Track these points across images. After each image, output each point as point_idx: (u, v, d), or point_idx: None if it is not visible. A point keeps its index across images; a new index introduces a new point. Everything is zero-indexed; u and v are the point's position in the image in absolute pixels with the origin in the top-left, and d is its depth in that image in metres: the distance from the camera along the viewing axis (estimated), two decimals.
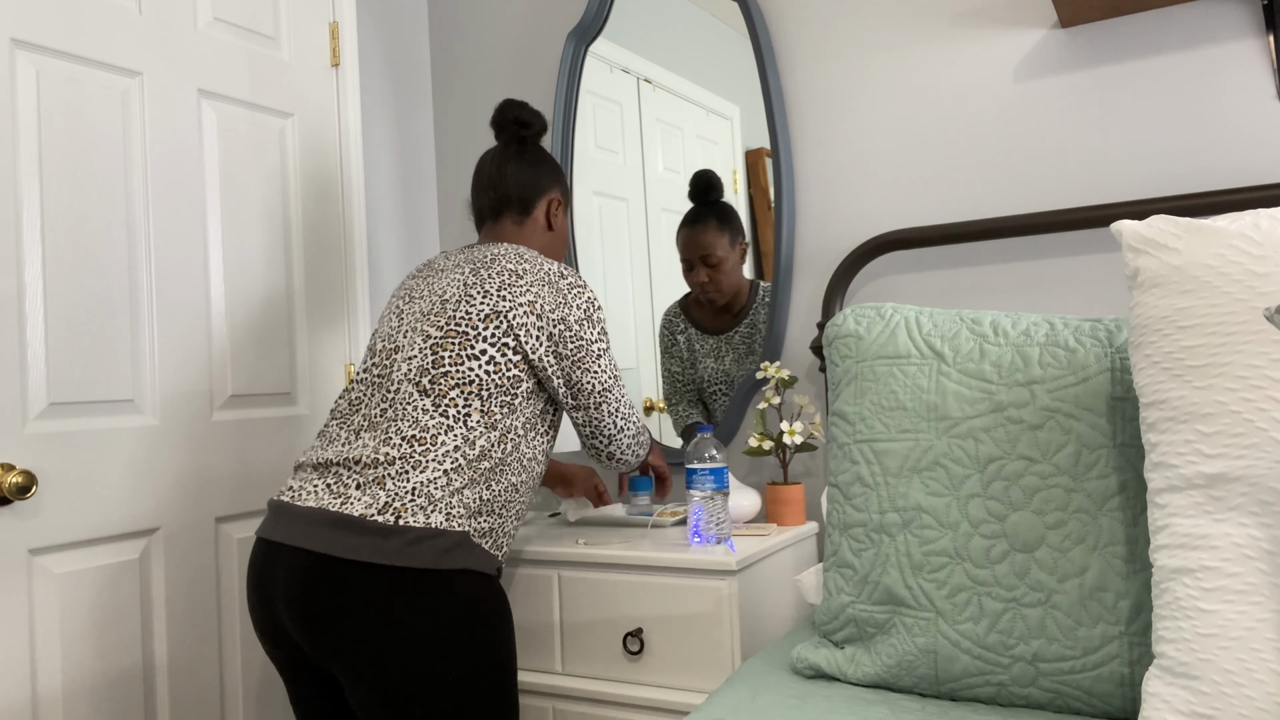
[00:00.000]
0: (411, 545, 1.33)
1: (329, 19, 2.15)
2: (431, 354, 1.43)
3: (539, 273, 1.49)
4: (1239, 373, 0.96)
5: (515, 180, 1.65)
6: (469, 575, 1.37)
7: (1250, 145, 1.64)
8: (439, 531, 1.35)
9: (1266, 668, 0.89)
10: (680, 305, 2.14)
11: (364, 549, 1.32)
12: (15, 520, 1.52)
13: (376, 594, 1.31)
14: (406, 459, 1.38)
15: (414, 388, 1.42)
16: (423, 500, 1.36)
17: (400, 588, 1.31)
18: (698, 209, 2.11)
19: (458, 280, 1.49)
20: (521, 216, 1.65)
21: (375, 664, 1.30)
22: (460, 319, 1.44)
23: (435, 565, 1.34)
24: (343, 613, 1.31)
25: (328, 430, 1.49)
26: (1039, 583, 1.14)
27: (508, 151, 1.67)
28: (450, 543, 1.36)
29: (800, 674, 1.29)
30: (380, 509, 1.34)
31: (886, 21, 1.93)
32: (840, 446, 1.33)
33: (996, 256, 1.83)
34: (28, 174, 1.57)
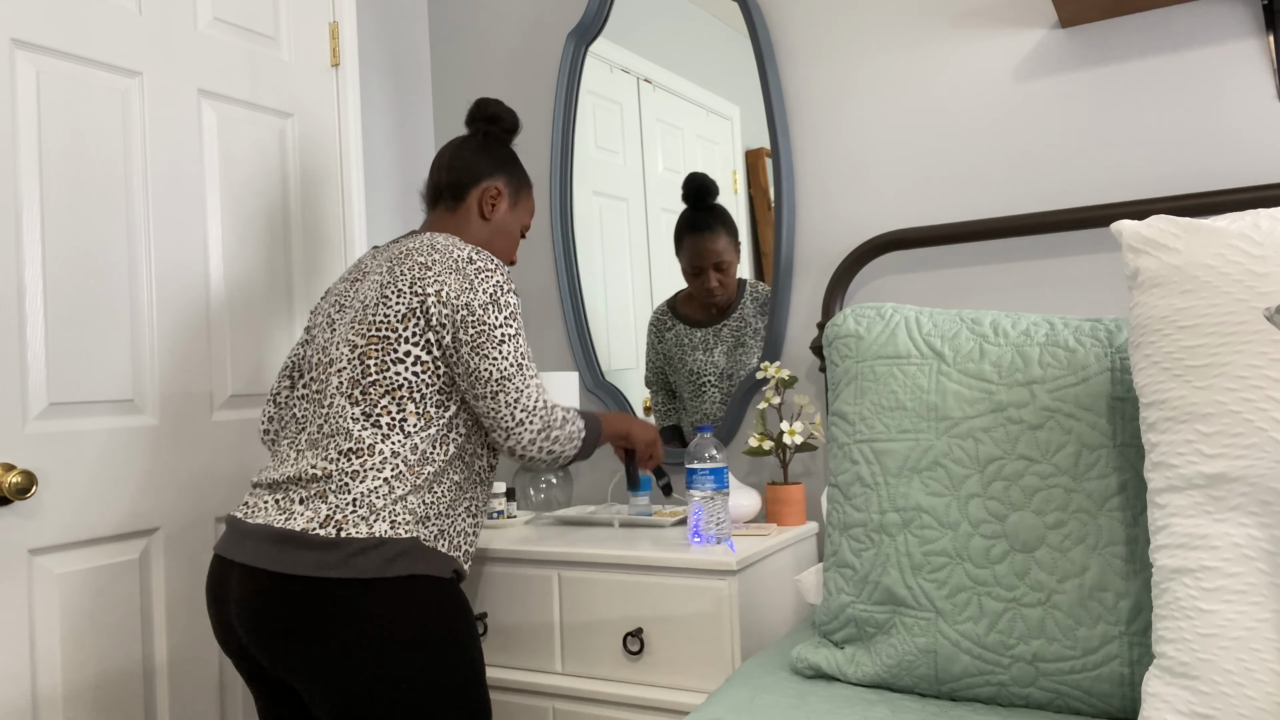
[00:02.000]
0: (354, 556, 1.32)
1: (329, 19, 2.15)
2: (359, 363, 1.41)
3: (448, 260, 1.43)
4: (1239, 373, 0.96)
5: (454, 167, 1.62)
6: (419, 581, 1.34)
7: (1250, 145, 1.64)
8: (382, 540, 1.33)
9: (1266, 668, 0.89)
10: (669, 304, 2.14)
11: (306, 563, 1.31)
12: (15, 520, 1.52)
13: (324, 608, 1.29)
14: (345, 472, 1.36)
15: (346, 400, 1.40)
16: (364, 510, 1.35)
17: (346, 600, 1.30)
18: (698, 214, 2.11)
19: (376, 282, 1.46)
20: (454, 203, 1.61)
21: (331, 678, 1.29)
22: (380, 323, 1.41)
23: (381, 574, 1.32)
24: (293, 628, 1.30)
25: (278, 450, 1.49)
26: (1039, 583, 1.14)
27: (463, 142, 1.65)
28: (396, 550, 1.33)
29: (800, 674, 1.29)
30: (321, 522, 1.33)
31: (886, 21, 1.93)
32: (840, 446, 1.33)
33: (996, 256, 1.83)
34: (28, 174, 1.57)
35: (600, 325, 2.24)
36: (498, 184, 1.62)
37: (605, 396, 2.21)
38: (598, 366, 2.23)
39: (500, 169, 1.64)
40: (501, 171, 1.64)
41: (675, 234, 2.12)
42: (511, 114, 1.68)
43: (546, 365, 2.32)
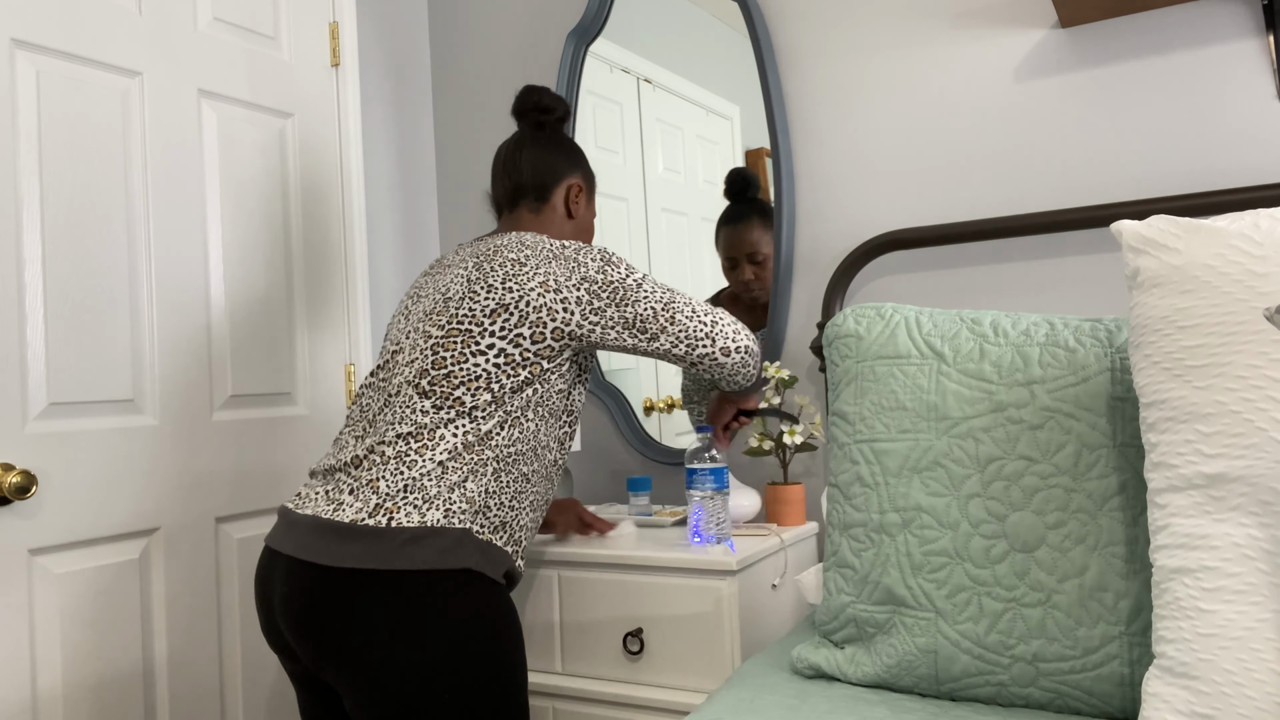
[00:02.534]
0: (406, 546, 1.26)
1: (329, 19, 2.15)
2: (432, 354, 1.37)
3: (543, 253, 1.42)
4: (1239, 373, 0.96)
5: (530, 166, 1.58)
6: (471, 576, 1.29)
7: (1250, 145, 1.64)
8: (436, 529, 1.28)
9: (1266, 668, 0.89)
10: (713, 302, 2.13)
11: (354, 555, 1.26)
12: (15, 520, 1.52)
13: (371, 601, 1.24)
14: (401, 457, 1.32)
15: (413, 389, 1.36)
16: (416, 497, 1.30)
17: (396, 592, 1.25)
18: (738, 206, 2.10)
19: (461, 276, 1.43)
20: (538, 204, 1.58)
21: (371, 675, 1.25)
22: (464, 316, 1.38)
23: (434, 565, 1.26)
24: (335, 622, 1.25)
25: (340, 437, 1.46)
26: (1039, 583, 1.14)
27: (524, 138, 1.61)
28: (450, 540, 1.28)
29: (800, 674, 1.29)
30: (371, 511, 1.29)
31: (887, 21, 1.93)
32: (840, 446, 1.33)
33: (996, 256, 1.83)
34: (28, 174, 1.57)
35: None
36: (577, 180, 1.61)
37: (605, 397, 2.21)
38: (598, 366, 2.23)
39: (576, 164, 1.62)
40: (578, 166, 1.62)
41: (715, 230, 2.11)
42: (562, 102, 1.64)
43: None
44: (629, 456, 2.20)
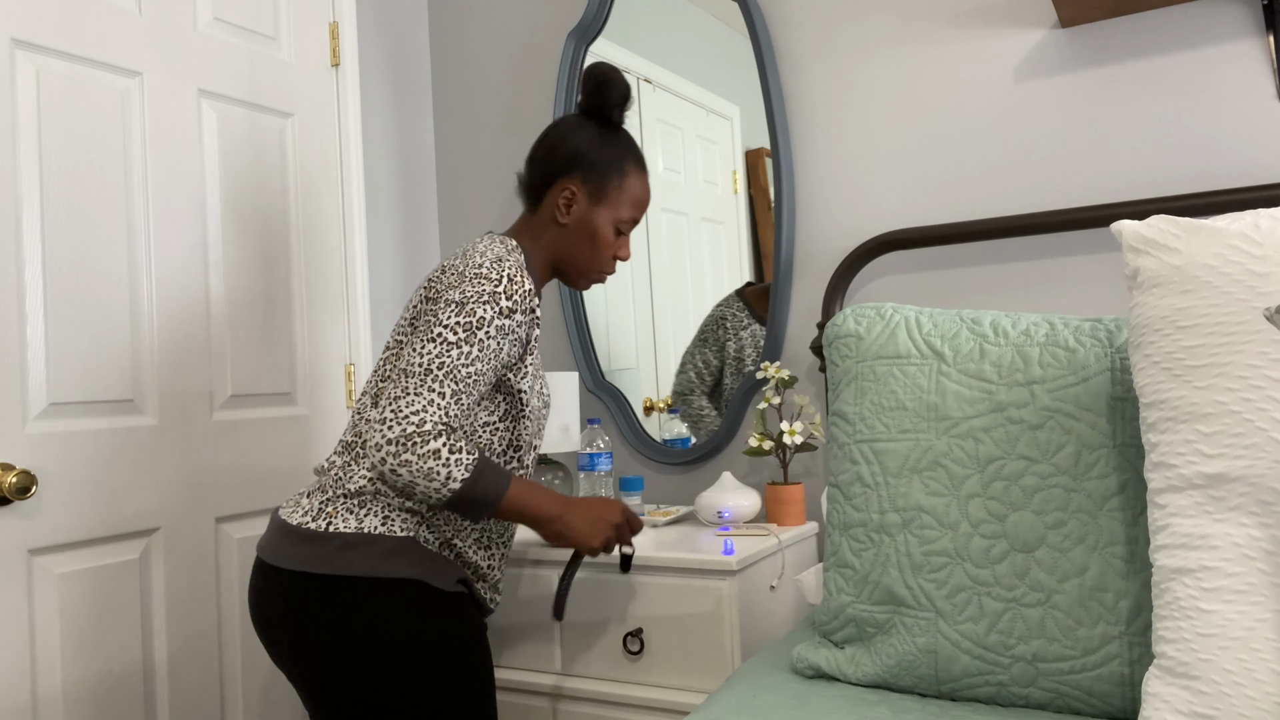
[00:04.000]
0: (343, 551, 1.27)
1: (329, 19, 2.15)
2: (385, 364, 1.41)
3: (467, 264, 1.33)
4: (1239, 373, 0.96)
5: (533, 160, 1.48)
6: (414, 586, 1.27)
7: (1250, 145, 1.64)
8: (372, 537, 1.28)
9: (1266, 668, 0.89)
10: (740, 297, 2.08)
11: (297, 558, 1.28)
12: (15, 520, 1.52)
13: (311, 604, 1.26)
14: (346, 466, 1.33)
15: (368, 397, 1.40)
16: (354, 503, 1.30)
17: (334, 597, 1.25)
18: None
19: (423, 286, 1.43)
20: (534, 206, 1.48)
21: (315, 675, 1.27)
22: (405, 326, 1.41)
23: (373, 573, 1.25)
24: (281, 621, 1.29)
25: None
26: (1039, 583, 1.14)
27: (556, 123, 1.49)
28: (388, 548, 1.28)
29: (800, 674, 1.29)
30: (314, 515, 1.30)
31: (886, 21, 1.93)
32: (840, 446, 1.33)
33: (996, 256, 1.83)
34: (28, 174, 1.57)
35: (600, 325, 2.24)
36: (572, 183, 1.44)
37: (605, 396, 2.21)
38: (598, 366, 2.23)
39: (579, 162, 1.44)
40: (579, 166, 1.44)
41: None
42: (619, 81, 1.46)
43: (546, 365, 2.32)
44: (629, 456, 2.20)
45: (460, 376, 1.25)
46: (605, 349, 2.23)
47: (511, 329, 1.31)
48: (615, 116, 1.48)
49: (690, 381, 2.13)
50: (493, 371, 1.31)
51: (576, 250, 1.46)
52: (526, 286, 1.33)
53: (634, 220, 1.48)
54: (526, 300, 1.33)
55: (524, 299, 1.32)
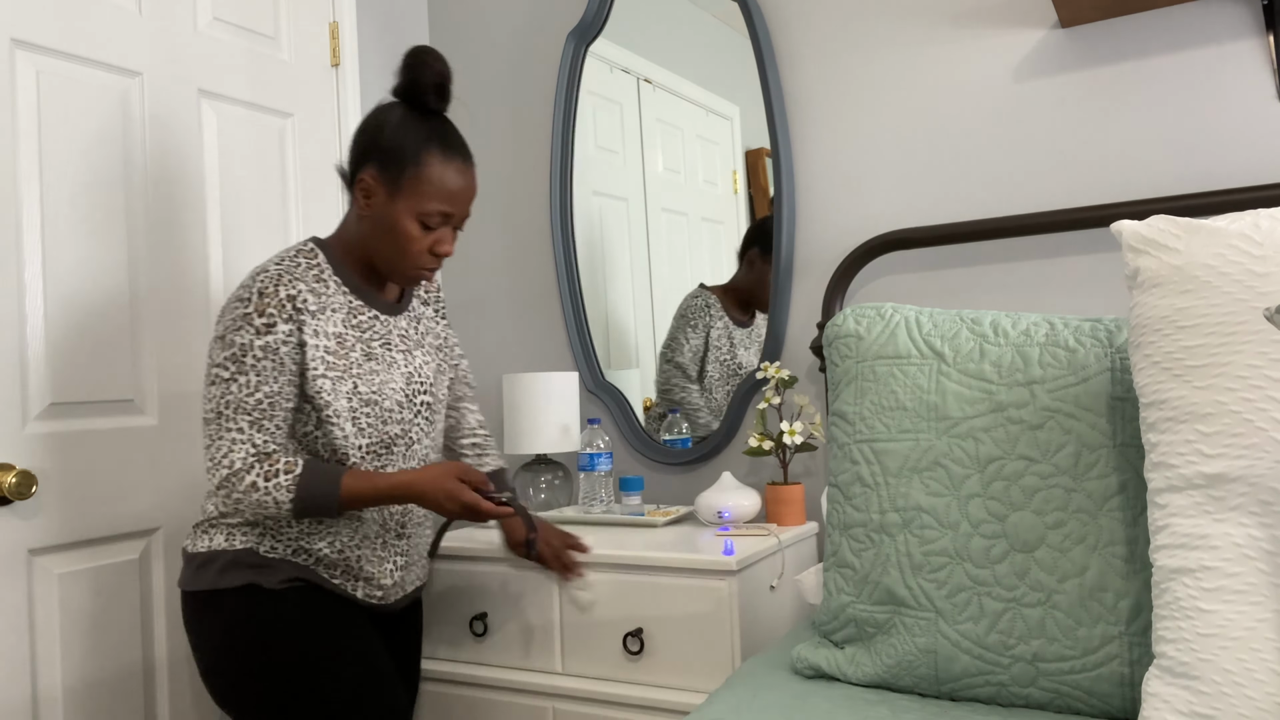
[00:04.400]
0: (197, 570, 1.39)
1: (329, 19, 2.15)
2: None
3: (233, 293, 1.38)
4: (1239, 373, 0.96)
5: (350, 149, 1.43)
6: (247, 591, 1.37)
7: (1250, 145, 1.64)
8: (215, 552, 1.39)
9: (1266, 668, 0.89)
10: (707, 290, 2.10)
11: (180, 578, 1.43)
12: (15, 520, 1.52)
13: (185, 618, 1.42)
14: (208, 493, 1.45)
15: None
16: (207, 524, 1.42)
17: (189, 612, 1.40)
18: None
19: None
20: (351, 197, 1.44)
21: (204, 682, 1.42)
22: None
23: (214, 586, 1.37)
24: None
25: None
26: (1039, 583, 1.14)
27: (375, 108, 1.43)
28: (228, 560, 1.38)
29: (800, 674, 1.29)
30: (190, 538, 1.44)
31: (886, 21, 1.93)
32: (840, 446, 1.33)
33: (996, 256, 1.83)
34: (28, 174, 1.57)
35: (600, 325, 2.24)
36: (368, 174, 1.38)
37: (605, 396, 2.21)
38: (598, 366, 2.23)
39: (374, 150, 1.37)
40: (374, 155, 1.37)
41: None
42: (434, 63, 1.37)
43: (546, 365, 2.32)
44: (629, 456, 2.20)
45: (250, 406, 1.30)
46: (605, 349, 2.24)
47: (279, 344, 1.31)
48: (430, 102, 1.38)
49: (679, 368, 2.13)
50: (291, 385, 1.34)
51: (380, 245, 1.40)
52: (283, 294, 1.32)
53: (443, 213, 1.37)
54: (285, 308, 1.32)
55: (282, 307, 1.31)
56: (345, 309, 1.41)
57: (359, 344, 1.41)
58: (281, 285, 1.33)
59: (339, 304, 1.41)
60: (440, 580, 1.81)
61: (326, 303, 1.38)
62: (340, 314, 1.40)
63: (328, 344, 1.37)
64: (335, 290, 1.41)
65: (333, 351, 1.37)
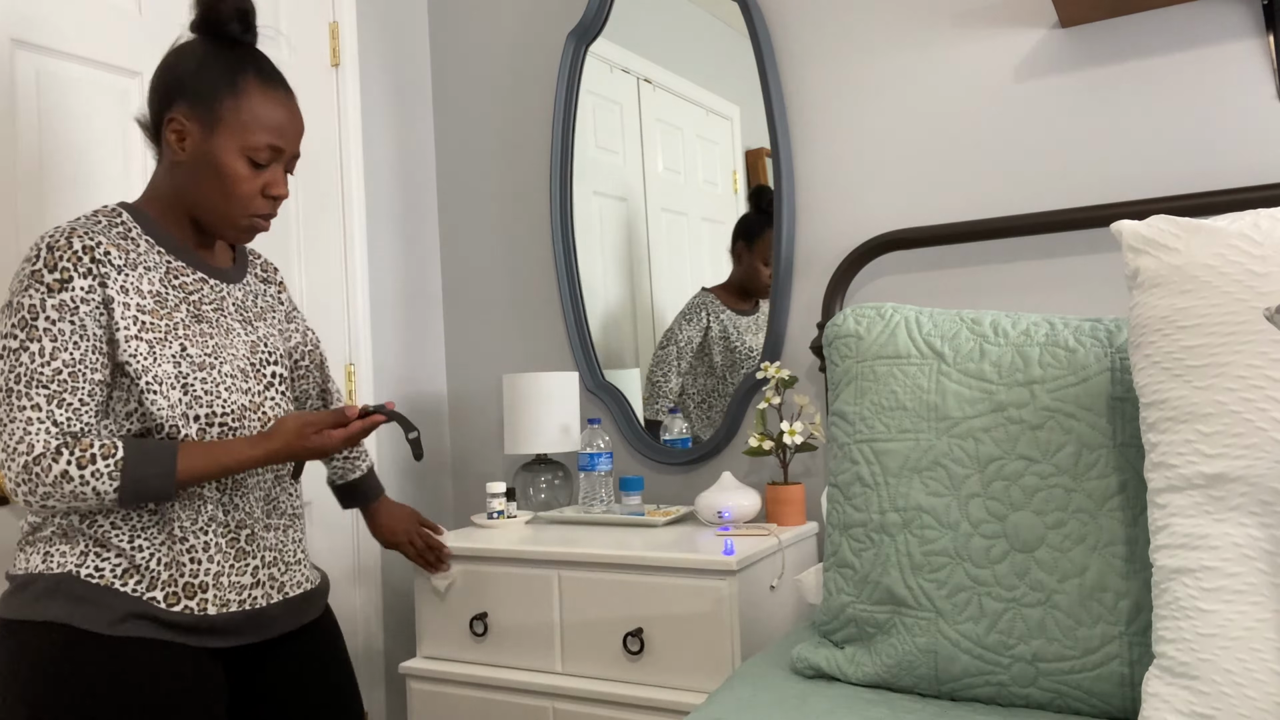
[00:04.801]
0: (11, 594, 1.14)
1: (329, 19, 2.15)
2: None
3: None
4: (1239, 373, 0.96)
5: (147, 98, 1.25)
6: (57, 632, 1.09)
7: (1250, 145, 1.64)
8: (31, 576, 1.13)
9: (1266, 668, 0.89)
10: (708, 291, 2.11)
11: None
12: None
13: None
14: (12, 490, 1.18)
15: None
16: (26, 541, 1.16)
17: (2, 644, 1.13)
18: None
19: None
20: (158, 150, 1.27)
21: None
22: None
23: (19, 615, 1.10)
24: None
25: None
26: (1039, 583, 1.14)
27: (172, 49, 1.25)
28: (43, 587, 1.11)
29: (800, 674, 1.29)
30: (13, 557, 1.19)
31: (886, 21, 1.93)
32: (840, 446, 1.33)
33: (996, 256, 1.83)
34: (28, 174, 1.57)
35: (600, 325, 2.24)
36: (179, 114, 1.20)
37: (605, 396, 2.21)
38: (598, 366, 2.23)
39: (182, 87, 1.20)
40: (183, 92, 1.20)
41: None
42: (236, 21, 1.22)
43: (546, 365, 2.32)
44: (629, 456, 2.20)
45: (47, 379, 1.07)
46: (605, 349, 2.24)
47: (76, 302, 1.10)
48: (234, 31, 1.23)
49: (669, 357, 2.14)
50: (96, 353, 1.11)
51: (204, 193, 1.21)
52: (77, 245, 1.11)
53: (272, 147, 1.21)
54: (83, 260, 1.11)
55: (78, 260, 1.10)
56: (163, 268, 1.21)
57: (184, 304, 1.21)
58: (75, 238, 1.12)
59: (154, 263, 1.20)
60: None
61: (136, 259, 1.18)
62: (156, 272, 1.20)
63: (141, 301, 1.15)
64: (147, 250, 1.21)
65: (148, 311, 1.16)
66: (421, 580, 1.82)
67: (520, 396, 2.05)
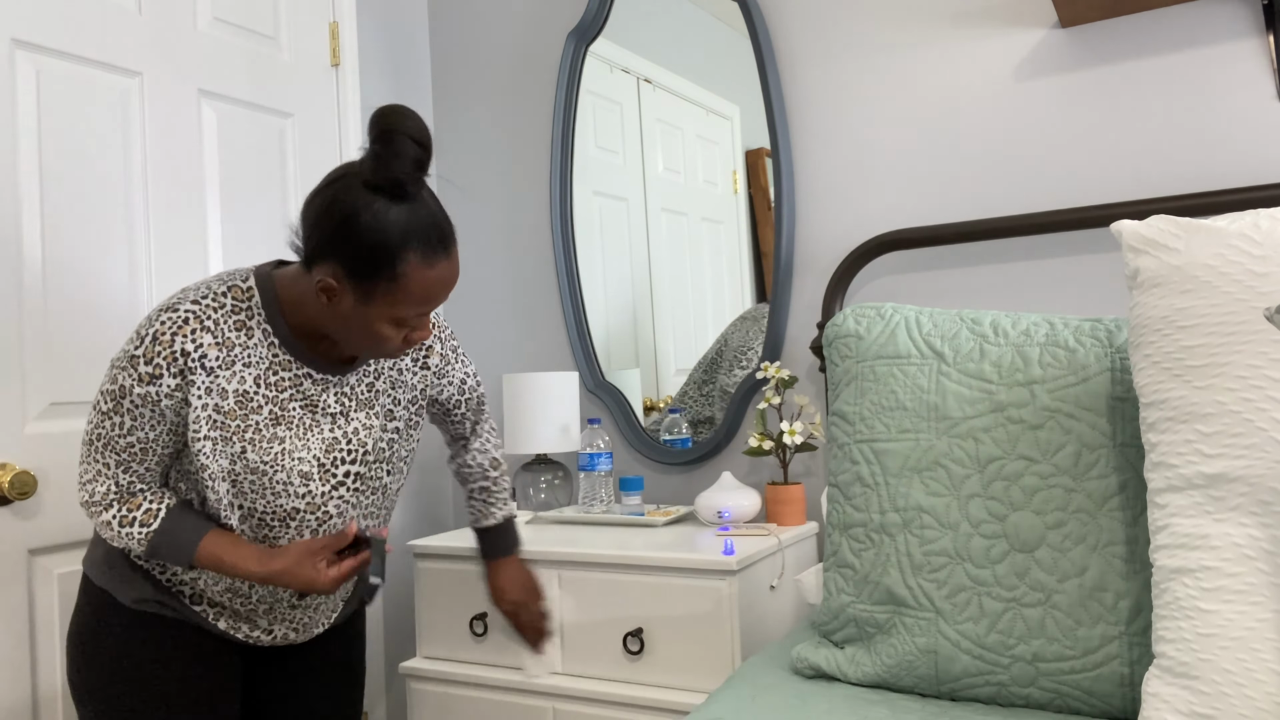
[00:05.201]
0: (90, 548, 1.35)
1: (329, 19, 2.15)
2: None
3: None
4: (1239, 373, 0.96)
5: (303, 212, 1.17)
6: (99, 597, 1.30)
7: (1250, 145, 1.64)
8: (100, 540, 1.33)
9: (1266, 668, 0.89)
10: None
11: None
12: (15, 520, 1.52)
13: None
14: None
15: None
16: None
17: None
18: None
19: None
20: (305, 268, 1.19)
21: None
22: None
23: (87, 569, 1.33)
24: None
25: None
26: (1039, 583, 1.14)
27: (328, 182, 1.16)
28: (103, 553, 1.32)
29: (800, 674, 1.29)
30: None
31: (887, 21, 1.93)
32: (840, 446, 1.33)
33: (996, 256, 1.83)
34: (28, 174, 1.57)
35: (600, 325, 2.24)
36: (333, 276, 1.14)
37: (605, 396, 2.21)
38: (598, 366, 2.23)
39: (340, 250, 1.12)
40: (340, 255, 1.12)
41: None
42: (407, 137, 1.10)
43: (546, 365, 2.32)
44: (629, 456, 2.20)
45: (121, 447, 1.19)
46: (605, 349, 2.24)
47: (160, 396, 1.16)
48: (408, 186, 1.11)
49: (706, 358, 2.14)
50: (171, 434, 1.20)
51: (346, 335, 1.20)
52: (178, 347, 1.15)
53: (422, 313, 1.18)
54: (177, 361, 1.15)
55: (173, 360, 1.15)
56: (266, 363, 1.22)
57: (269, 405, 1.23)
58: (180, 336, 1.16)
59: (259, 357, 1.22)
60: (440, 580, 1.81)
61: (239, 355, 1.20)
62: (256, 369, 1.22)
63: (220, 403, 1.19)
64: (260, 341, 1.22)
65: (225, 412, 1.20)
66: (421, 580, 1.82)
67: (520, 396, 2.05)
